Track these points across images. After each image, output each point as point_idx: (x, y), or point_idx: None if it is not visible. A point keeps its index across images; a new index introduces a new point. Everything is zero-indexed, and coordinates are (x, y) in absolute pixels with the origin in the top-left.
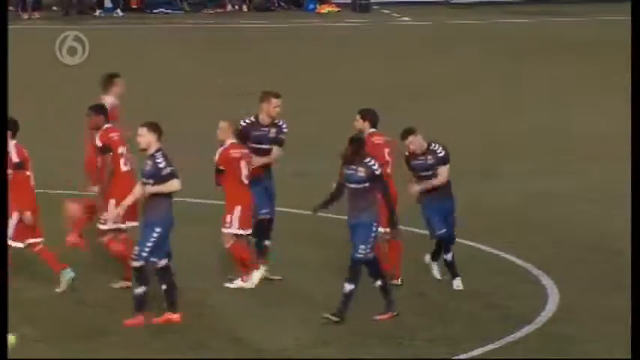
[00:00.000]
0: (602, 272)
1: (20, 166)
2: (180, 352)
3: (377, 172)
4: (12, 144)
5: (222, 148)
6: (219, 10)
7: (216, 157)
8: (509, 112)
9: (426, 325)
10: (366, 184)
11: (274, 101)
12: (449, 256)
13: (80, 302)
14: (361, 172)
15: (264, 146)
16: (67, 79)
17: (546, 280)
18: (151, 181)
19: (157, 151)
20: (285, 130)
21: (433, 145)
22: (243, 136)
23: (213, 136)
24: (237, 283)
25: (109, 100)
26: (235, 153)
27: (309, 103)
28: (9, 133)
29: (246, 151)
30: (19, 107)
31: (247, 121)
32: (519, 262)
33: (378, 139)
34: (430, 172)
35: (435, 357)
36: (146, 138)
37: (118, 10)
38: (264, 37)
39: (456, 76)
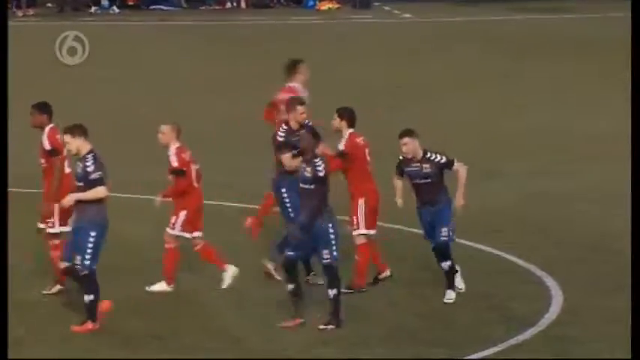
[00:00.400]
0: (603, 272)
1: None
2: (179, 352)
3: (320, 174)
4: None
5: (174, 152)
6: (217, 7)
7: (175, 162)
8: (508, 112)
9: (426, 326)
10: (312, 186)
11: (300, 109)
12: (443, 265)
13: (79, 302)
14: (308, 172)
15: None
16: (66, 78)
17: (550, 282)
18: (81, 183)
19: (89, 153)
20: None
21: (429, 154)
22: (289, 145)
23: (212, 134)
24: (226, 280)
25: (294, 86)
26: (187, 156)
27: (308, 102)
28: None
29: (190, 153)
30: (18, 107)
31: (282, 131)
32: (520, 262)
33: (359, 140)
34: (429, 180)
35: (435, 357)
36: (73, 144)
37: (114, 7)
38: (263, 35)
39: (455, 75)
